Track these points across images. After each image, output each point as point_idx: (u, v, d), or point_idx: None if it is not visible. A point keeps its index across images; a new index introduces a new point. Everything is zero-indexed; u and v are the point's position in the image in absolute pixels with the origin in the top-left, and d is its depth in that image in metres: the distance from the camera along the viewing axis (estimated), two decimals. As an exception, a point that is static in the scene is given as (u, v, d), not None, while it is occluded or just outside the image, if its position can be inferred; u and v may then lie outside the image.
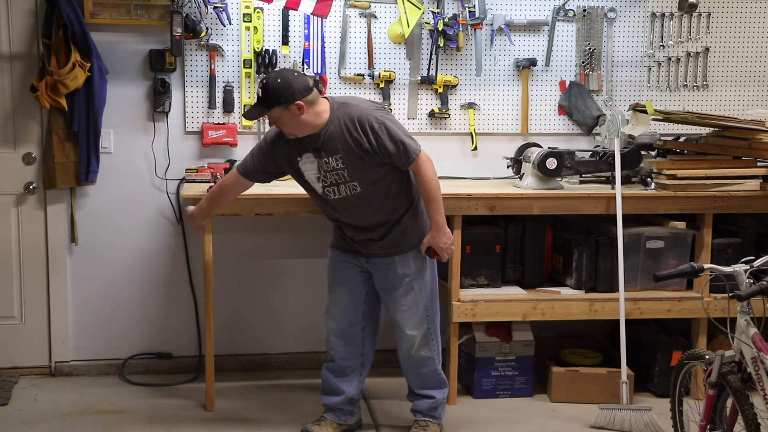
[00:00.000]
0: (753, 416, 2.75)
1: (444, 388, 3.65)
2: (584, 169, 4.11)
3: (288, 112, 3.20)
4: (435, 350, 3.57)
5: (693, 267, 2.90)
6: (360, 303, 3.59)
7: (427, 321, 3.52)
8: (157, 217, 4.32)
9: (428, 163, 3.33)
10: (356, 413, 3.72)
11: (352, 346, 3.63)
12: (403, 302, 3.49)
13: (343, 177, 3.32)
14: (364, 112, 3.27)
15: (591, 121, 4.49)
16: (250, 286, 4.44)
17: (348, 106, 3.32)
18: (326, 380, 3.67)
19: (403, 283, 3.46)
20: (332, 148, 3.28)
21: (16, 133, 4.18)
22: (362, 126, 3.24)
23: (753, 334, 2.79)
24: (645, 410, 3.76)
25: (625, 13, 4.56)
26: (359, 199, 3.35)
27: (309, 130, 3.27)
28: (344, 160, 3.28)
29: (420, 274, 3.47)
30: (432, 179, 3.33)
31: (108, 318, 4.34)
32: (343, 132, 3.25)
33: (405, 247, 3.45)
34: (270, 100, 3.20)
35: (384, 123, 3.26)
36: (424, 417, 3.62)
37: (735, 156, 4.07)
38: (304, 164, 3.37)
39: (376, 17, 4.35)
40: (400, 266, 3.45)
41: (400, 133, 3.29)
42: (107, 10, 4.05)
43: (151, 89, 4.21)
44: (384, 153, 3.26)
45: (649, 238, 4.08)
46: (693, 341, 4.13)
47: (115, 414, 3.86)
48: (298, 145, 3.34)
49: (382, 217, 3.40)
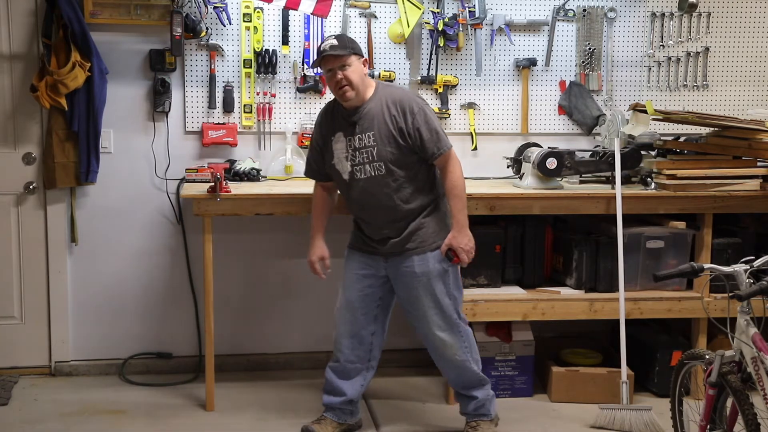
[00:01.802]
0: (753, 416, 2.75)
1: (486, 385, 3.61)
2: (584, 169, 4.11)
3: (359, 64, 3.36)
4: (468, 351, 3.53)
5: (693, 267, 2.90)
6: (373, 307, 3.59)
7: (456, 323, 3.50)
8: (157, 217, 4.32)
9: (457, 160, 3.41)
10: (356, 413, 3.72)
11: (360, 349, 3.62)
12: (424, 303, 3.46)
13: (371, 155, 3.36)
14: (407, 96, 3.42)
15: (591, 121, 4.50)
16: (250, 286, 4.44)
17: (392, 87, 3.52)
18: (329, 380, 3.66)
19: (422, 282, 3.44)
20: (367, 125, 3.37)
21: (16, 133, 4.18)
22: (402, 107, 3.34)
23: (753, 334, 2.79)
24: (645, 410, 3.76)
25: (625, 13, 4.56)
26: (382, 181, 3.37)
27: (361, 95, 3.37)
28: (376, 137, 3.35)
29: (441, 275, 3.45)
30: (459, 177, 3.39)
31: (108, 318, 4.34)
32: (382, 110, 3.36)
33: (423, 247, 3.43)
34: (350, 47, 3.36)
35: (423, 109, 3.37)
36: (473, 418, 3.61)
37: (735, 156, 4.06)
38: (336, 143, 3.45)
39: (376, 17, 4.36)
40: (418, 265, 3.44)
41: (437, 124, 3.39)
42: (107, 10, 4.05)
43: (151, 89, 4.21)
44: (417, 137, 3.33)
45: (649, 238, 4.08)
46: (693, 341, 4.13)
47: (115, 414, 3.86)
48: (335, 124, 3.47)
49: (402, 209, 3.40)
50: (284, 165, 4.29)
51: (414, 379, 4.32)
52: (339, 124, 3.45)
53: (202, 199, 3.74)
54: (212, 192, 3.72)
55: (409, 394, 4.14)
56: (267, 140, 4.34)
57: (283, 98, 4.33)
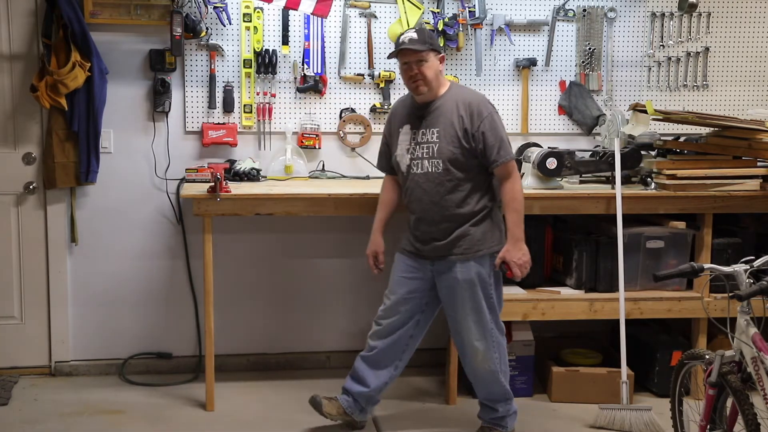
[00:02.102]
0: (753, 416, 2.75)
1: (509, 401, 3.59)
2: (584, 169, 4.11)
3: (435, 60, 3.39)
4: (499, 364, 3.51)
5: (693, 267, 2.90)
6: (417, 312, 3.58)
7: (492, 334, 3.48)
8: (157, 217, 4.32)
9: (518, 174, 3.40)
10: (365, 413, 3.70)
11: (395, 350, 3.62)
12: (464, 309, 3.45)
13: (431, 152, 3.38)
14: (478, 99, 3.42)
15: (591, 121, 4.50)
16: (249, 286, 4.44)
17: (466, 89, 3.53)
18: (356, 368, 3.66)
19: (464, 289, 3.43)
20: (434, 121, 3.40)
21: (16, 133, 4.18)
22: (471, 109, 3.36)
23: (753, 334, 2.79)
24: (645, 410, 3.76)
25: (625, 13, 4.56)
26: (438, 179, 3.38)
27: (433, 91, 3.40)
28: (440, 134, 3.37)
29: (483, 283, 3.43)
30: (518, 190, 3.38)
31: (108, 318, 4.34)
32: (451, 109, 3.38)
33: (467, 254, 3.42)
34: (429, 42, 3.37)
35: (492, 116, 3.37)
36: (488, 424, 3.60)
37: (735, 156, 4.06)
38: (402, 135, 3.50)
39: (376, 17, 4.36)
40: (461, 272, 3.42)
41: (503, 133, 3.38)
42: (107, 10, 4.05)
43: (151, 89, 4.21)
44: (480, 141, 3.33)
45: (649, 238, 4.08)
46: (693, 341, 4.13)
47: (115, 414, 3.86)
48: (405, 116, 3.50)
49: (451, 211, 3.39)
50: (284, 165, 4.29)
51: (414, 379, 4.32)
52: (409, 117, 3.48)
53: (202, 199, 3.74)
54: (212, 192, 3.71)
55: (409, 394, 4.14)
56: (267, 140, 4.34)
57: (283, 98, 4.33)
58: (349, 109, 4.39)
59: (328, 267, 4.48)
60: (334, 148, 4.41)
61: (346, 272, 4.50)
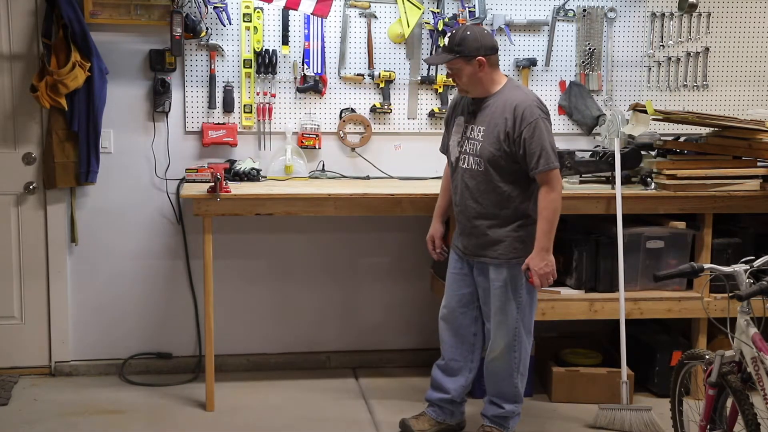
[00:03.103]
0: (753, 416, 2.75)
1: (517, 403, 3.57)
2: (584, 169, 4.11)
3: (469, 66, 3.31)
4: (516, 364, 3.50)
5: (693, 267, 2.90)
6: (472, 308, 3.58)
7: (517, 334, 3.46)
8: (157, 217, 4.32)
9: (559, 183, 3.31)
10: (457, 414, 3.69)
11: (463, 348, 3.62)
12: (492, 306, 3.46)
13: (475, 149, 3.37)
14: (527, 102, 3.30)
15: (591, 121, 4.50)
16: (249, 285, 4.43)
17: (519, 90, 3.39)
18: (434, 377, 3.69)
19: (494, 287, 3.43)
20: (482, 119, 3.37)
21: (16, 133, 4.18)
22: (517, 111, 3.28)
23: (753, 334, 2.79)
24: (645, 410, 3.77)
25: (625, 13, 4.56)
26: (479, 177, 3.37)
27: (480, 91, 3.37)
28: (484, 134, 3.34)
29: (513, 285, 3.41)
30: (554, 199, 3.29)
31: (108, 318, 4.34)
32: (499, 109, 3.32)
33: (500, 259, 3.40)
34: (455, 50, 3.31)
35: (538, 122, 3.27)
36: (490, 423, 3.58)
37: (735, 156, 4.06)
38: (457, 125, 3.49)
39: (376, 17, 4.35)
40: (492, 272, 3.43)
41: (547, 140, 3.28)
42: (107, 10, 4.05)
43: (151, 89, 4.21)
44: (520, 146, 3.27)
45: (649, 238, 4.08)
46: (693, 341, 4.13)
47: (115, 414, 3.86)
48: (462, 107, 3.49)
49: (489, 212, 3.38)
50: (284, 165, 4.29)
51: (414, 379, 4.32)
52: (465, 109, 3.47)
53: (202, 199, 3.74)
54: (212, 192, 3.72)
55: (409, 394, 4.14)
56: (267, 140, 4.34)
57: (283, 98, 4.33)
58: (349, 109, 4.39)
59: (328, 267, 4.48)
60: (334, 148, 4.41)
61: (346, 272, 4.50)
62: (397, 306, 4.56)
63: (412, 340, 4.59)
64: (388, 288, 4.54)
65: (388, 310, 4.56)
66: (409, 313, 4.56)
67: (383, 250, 4.51)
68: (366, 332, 4.56)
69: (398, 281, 4.53)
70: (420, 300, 4.54)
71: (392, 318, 4.57)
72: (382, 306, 4.55)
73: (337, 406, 4.00)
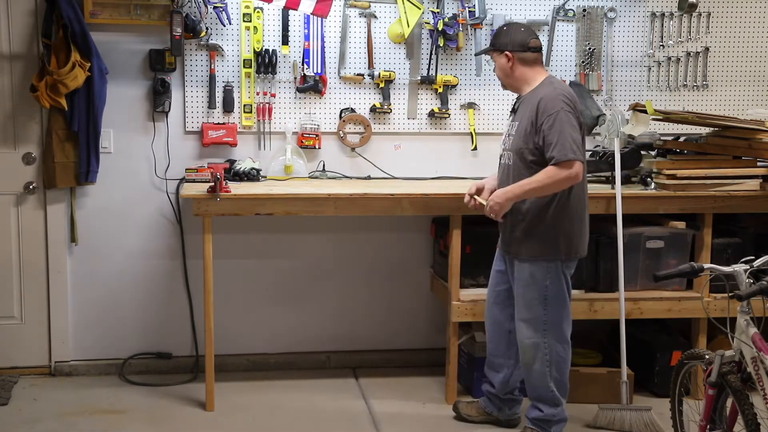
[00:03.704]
0: (753, 416, 2.75)
1: (557, 407, 3.53)
2: (584, 169, 4.11)
3: (501, 59, 3.46)
4: (548, 365, 3.49)
5: (693, 267, 2.90)
6: (508, 304, 3.60)
7: (542, 333, 3.47)
8: (157, 217, 4.32)
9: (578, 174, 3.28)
10: (505, 411, 3.74)
11: (502, 344, 3.67)
12: (518, 304, 3.50)
13: (509, 144, 3.48)
14: (553, 95, 3.35)
15: (591, 121, 4.48)
16: (249, 286, 4.43)
17: (551, 85, 3.42)
18: (485, 370, 3.77)
19: (520, 285, 3.47)
20: (519, 115, 3.47)
21: (16, 133, 4.18)
22: (542, 105, 3.34)
23: (753, 334, 2.79)
24: (645, 410, 3.76)
25: (625, 13, 4.56)
26: (512, 171, 3.44)
27: (512, 86, 3.51)
28: (518, 129, 3.42)
29: (539, 284, 3.43)
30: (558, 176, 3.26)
31: (108, 318, 4.34)
32: (531, 105, 3.39)
33: (522, 253, 3.44)
34: (493, 42, 3.53)
35: (559, 113, 3.30)
36: (531, 425, 3.58)
37: (735, 156, 4.06)
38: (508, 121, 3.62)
39: (376, 17, 4.35)
40: (518, 269, 3.48)
41: (569, 132, 3.28)
42: (107, 10, 4.05)
43: (151, 89, 4.20)
44: (541, 137, 3.31)
45: (649, 238, 4.08)
46: (693, 341, 4.13)
47: (115, 414, 3.86)
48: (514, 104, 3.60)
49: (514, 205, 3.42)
50: (284, 165, 4.29)
51: (414, 379, 4.32)
52: (513, 107, 3.59)
53: (202, 199, 3.74)
54: (212, 192, 3.71)
55: (409, 394, 4.14)
56: (267, 140, 4.34)
57: (283, 98, 4.33)
58: (349, 109, 4.39)
59: (328, 267, 4.48)
60: (334, 148, 4.41)
61: (346, 272, 4.50)
62: (397, 306, 4.56)
63: (412, 340, 4.59)
64: (388, 288, 4.54)
65: (388, 310, 4.56)
66: (409, 313, 4.56)
67: (383, 250, 4.50)
68: (366, 332, 4.56)
69: (398, 281, 4.53)
70: (420, 300, 4.55)
71: (392, 318, 4.57)
72: (382, 306, 4.55)
73: (336, 406, 4.00)
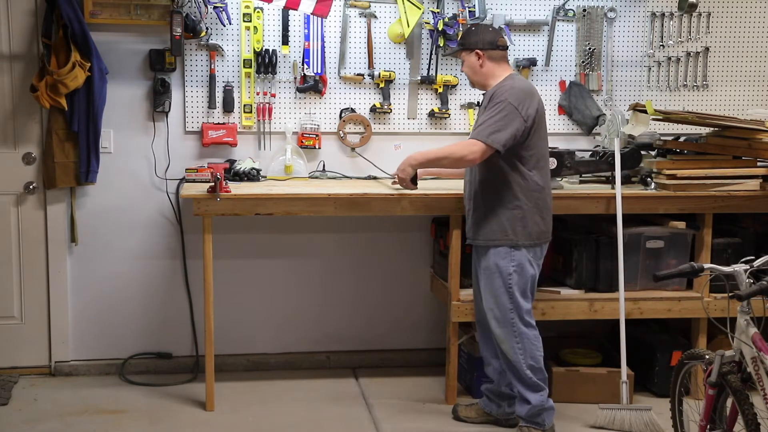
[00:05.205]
0: (753, 416, 2.75)
1: (540, 392, 3.54)
2: (584, 169, 4.11)
3: (471, 57, 3.52)
4: (522, 354, 3.51)
5: (693, 267, 2.90)
6: None
7: (511, 323, 3.49)
8: (157, 217, 4.32)
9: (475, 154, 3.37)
10: (502, 407, 3.75)
11: (488, 343, 3.71)
12: (485, 295, 3.55)
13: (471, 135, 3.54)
14: (503, 88, 3.45)
15: (591, 121, 4.50)
16: (249, 286, 4.43)
17: (511, 80, 3.50)
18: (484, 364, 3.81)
19: (485, 275, 3.53)
20: (480, 108, 3.60)
21: (16, 133, 4.18)
22: (493, 95, 3.45)
23: (753, 334, 2.79)
24: (645, 410, 3.76)
25: (625, 13, 4.56)
26: None
27: (480, 82, 3.57)
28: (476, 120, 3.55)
29: (502, 273, 3.47)
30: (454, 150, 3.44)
31: (108, 318, 4.34)
32: (488, 96, 3.50)
33: (487, 243, 3.50)
34: (462, 42, 3.59)
35: (502, 103, 3.39)
36: (526, 423, 3.58)
37: (735, 156, 4.06)
38: None
39: (376, 17, 4.36)
40: (482, 258, 3.54)
41: (497, 120, 3.36)
42: (107, 10, 4.05)
43: (151, 89, 4.21)
44: None
45: (649, 238, 4.08)
46: (693, 341, 4.13)
47: (115, 414, 3.86)
48: None
49: (475, 191, 3.54)
50: (284, 165, 4.29)
51: (414, 379, 4.32)
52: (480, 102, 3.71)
53: (202, 199, 3.74)
54: (212, 192, 3.71)
55: (409, 394, 4.14)
56: (267, 140, 4.34)
57: (283, 98, 4.33)
58: (349, 109, 4.39)
59: (328, 267, 4.48)
60: (334, 148, 4.41)
61: (346, 272, 4.50)
62: (397, 306, 4.56)
63: (412, 340, 4.59)
64: (388, 288, 4.54)
65: (388, 310, 4.56)
66: (409, 313, 4.57)
67: (383, 250, 4.50)
68: (366, 332, 4.56)
69: (398, 281, 4.53)
70: (420, 300, 4.55)
71: (392, 318, 4.57)
72: (382, 306, 4.55)
73: (337, 406, 4.00)
